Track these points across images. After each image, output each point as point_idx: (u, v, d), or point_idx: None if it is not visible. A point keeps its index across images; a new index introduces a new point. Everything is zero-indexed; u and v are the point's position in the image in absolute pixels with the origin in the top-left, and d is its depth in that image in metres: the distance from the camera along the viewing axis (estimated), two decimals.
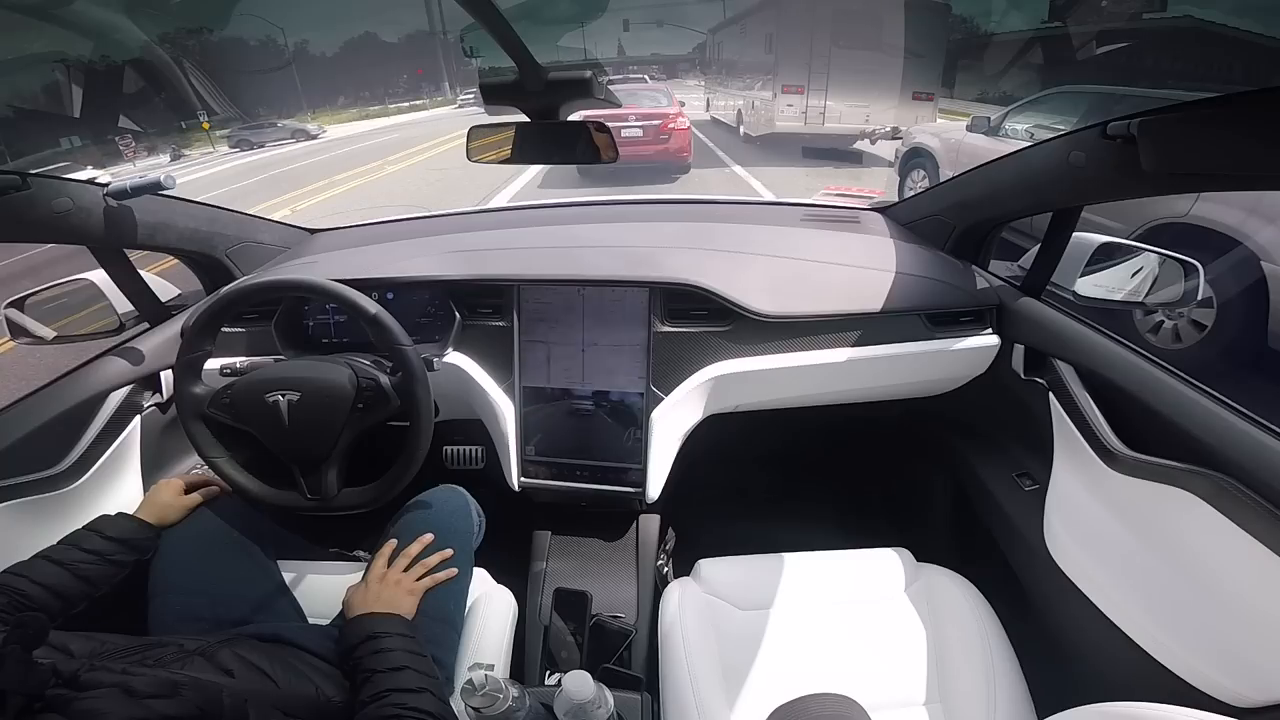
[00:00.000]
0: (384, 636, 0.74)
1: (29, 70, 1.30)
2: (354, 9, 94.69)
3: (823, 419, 1.29)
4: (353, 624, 0.77)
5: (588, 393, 1.12)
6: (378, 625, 0.76)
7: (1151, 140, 0.68)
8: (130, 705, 0.49)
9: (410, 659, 0.71)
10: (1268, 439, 0.67)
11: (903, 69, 7.18)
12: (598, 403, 1.12)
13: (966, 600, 0.92)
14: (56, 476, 0.94)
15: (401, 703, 0.65)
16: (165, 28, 1.45)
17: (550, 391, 1.14)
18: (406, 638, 0.75)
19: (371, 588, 0.82)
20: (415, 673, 0.70)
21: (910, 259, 1.15)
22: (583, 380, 1.12)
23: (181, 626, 0.82)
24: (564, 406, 1.13)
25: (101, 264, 1.10)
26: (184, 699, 0.54)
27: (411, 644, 0.75)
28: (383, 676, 0.68)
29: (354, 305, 0.89)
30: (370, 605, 0.79)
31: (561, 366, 1.13)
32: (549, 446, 1.14)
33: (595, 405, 1.13)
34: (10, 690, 0.42)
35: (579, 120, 0.79)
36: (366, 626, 0.76)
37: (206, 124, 17.07)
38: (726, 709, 0.83)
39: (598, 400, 1.12)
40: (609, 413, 1.12)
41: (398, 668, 0.70)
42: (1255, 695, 0.63)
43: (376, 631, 0.74)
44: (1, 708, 0.41)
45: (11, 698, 0.42)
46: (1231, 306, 2.38)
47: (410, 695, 0.66)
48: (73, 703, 0.46)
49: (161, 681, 0.54)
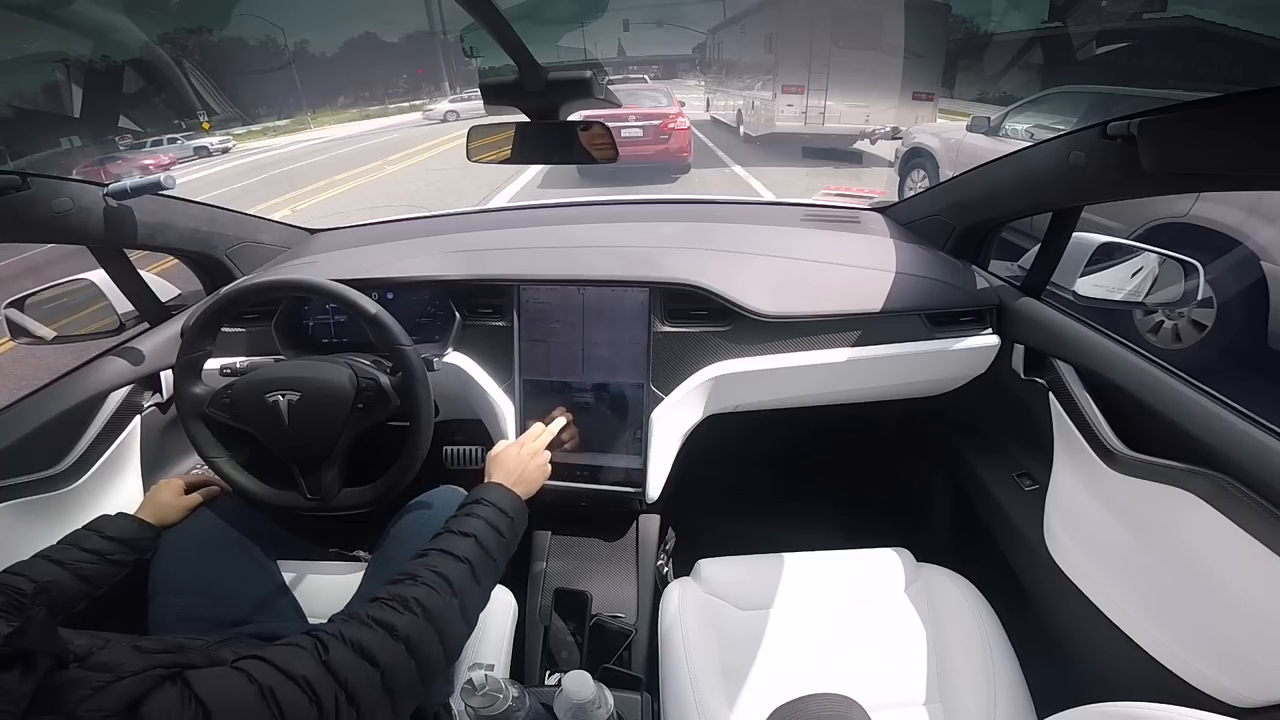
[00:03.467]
0: (486, 505, 0.76)
1: (29, 70, 1.29)
2: (354, 9, 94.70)
3: (823, 419, 1.29)
4: (480, 486, 0.82)
5: (588, 385, 1.12)
6: (490, 492, 0.79)
7: (1151, 140, 0.68)
8: (143, 657, 0.50)
9: (485, 531, 0.73)
10: (1268, 439, 0.67)
11: (903, 69, 7.18)
12: (598, 395, 1.12)
13: (966, 600, 0.92)
14: (56, 476, 0.94)
15: (433, 565, 0.66)
16: (165, 28, 1.45)
17: (550, 384, 1.13)
18: (504, 515, 0.77)
19: (523, 456, 0.89)
20: (476, 544, 0.71)
21: (910, 259, 1.15)
22: (583, 374, 1.12)
23: (181, 626, 0.82)
24: (564, 400, 1.13)
25: (101, 264, 1.10)
26: (188, 655, 0.55)
27: (503, 521, 0.76)
28: (445, 537, 0.71)
29: (354, 305, 0.89)
30: (509, 476, 0.85)
31: (561, 366, 1.13)
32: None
33: (595, 398, 1.12)
34: (39, 650, 0.42)
35: (579, 120, 0.79)
36: (484, 491, 0.80)
37: (206, 124, 17.03)
38: (726, 709, 0.83)
39: (598, 394, 1.12)
40: (609, 405, 1.12)
41: (466, 533, 0.71)
42: (1255, 695, 0.63)
43: (485, 498, 0.78)
44: (30, 668, 0.41)
45: (40, 659, 0.42)
46: (1231, 306, 2.38)
47: (449, 561, 0.67)
48: (89, 659, 0.47)
49: (167, 642, 0.56)
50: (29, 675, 0.41)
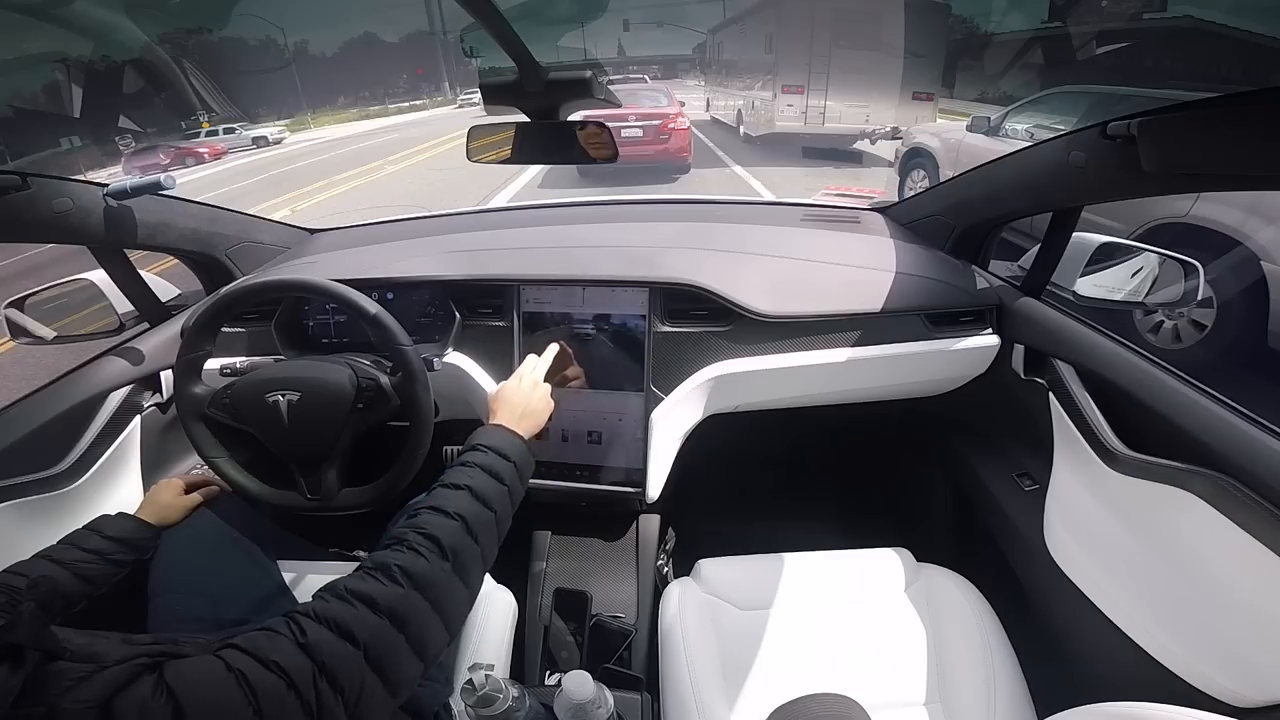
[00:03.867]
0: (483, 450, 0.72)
1: (29, 70, 1.29)
2: (354, 9, 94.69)
3: (823, 419, 1.29)
4: (480, 430, 0.77)
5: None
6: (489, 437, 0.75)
7: (1151, 140, 0.68)
8: (129, 648, 0.50)
9: (482, 479, 0.69)
10: (1268, 439, 0.67)
11: (903, 69, 7.17)
12: (598, 395, 1.12)
13: (966, 600, 0.92)
14: (56, 476, 0.94)
15: (422, 526, 0.62)
16: (165, 28, 1.45)
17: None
18: (503, 460, 0.73)
19: (524, 389, 0.85)
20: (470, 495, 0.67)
21: (910, 259, 1.15)
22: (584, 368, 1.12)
23: (181, 626, 0.82)
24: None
25: (101, 264, 1.10)
26: (178, 646, 0.54)
27: (502, 466, 0.72)
28: (440, 491, 0.67)
29: (354, 305, 0.89)
30: (511, 415, 0.81)
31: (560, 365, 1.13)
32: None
33: (595, 398, 1.12)
34: (27, 645, 0.42)
35: (579, 120, 0.79)
36: (482, 436, 0.75)
37: (206, 124, 17.08)
38: (726, 709, 0.83)
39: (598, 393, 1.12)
40: (609, 404, 1.12)
41: (458, 485, 0.67)
42: (1255, 695, 0.63)
43: (483, 444, 0.73)
44: (18, 663, 0.41)
45: (29, 653, 0.42)
46: (1231, 306, 2.38)
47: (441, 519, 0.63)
48: (77, 652, 0.46)
49: (161, 638, 0.55)
50: (17, 669, 0.41)
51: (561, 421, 1.13)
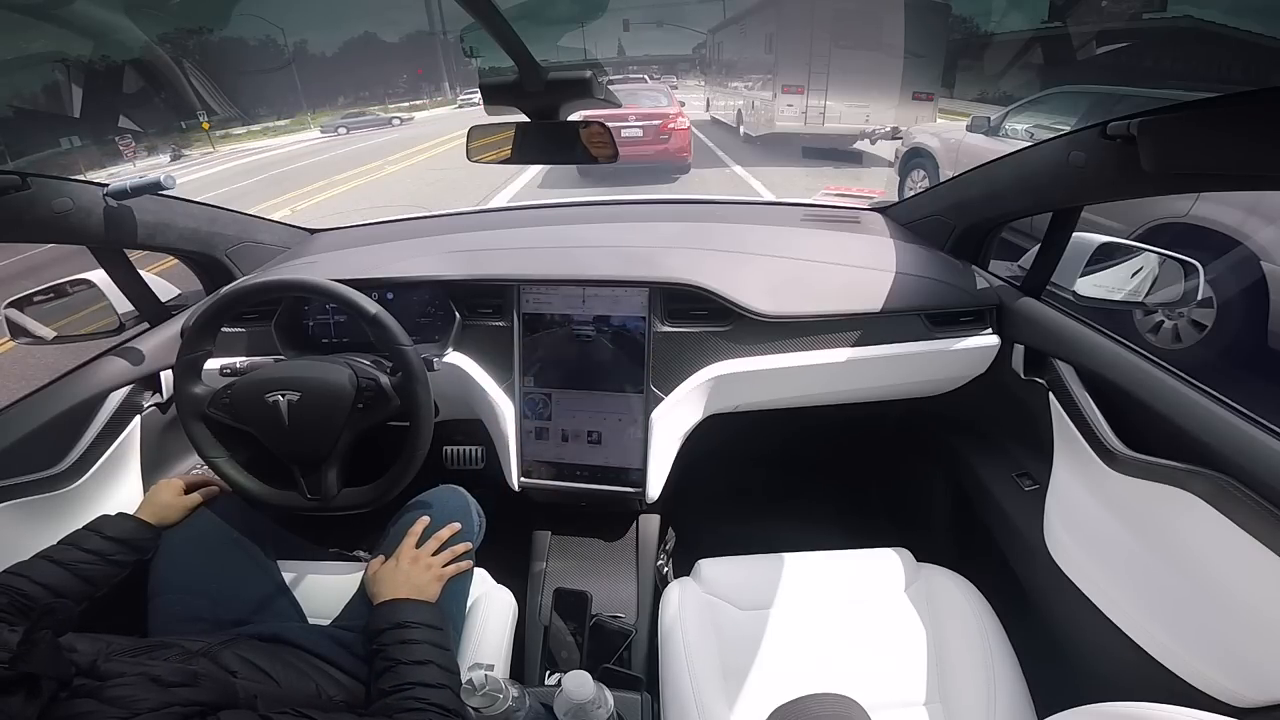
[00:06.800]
0: (413, 627, 0.74)
1: (29, 70, 1.29)
2: (354, 9, 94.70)
3: (823, 419, 1.29)
4: (384, 608, 0.78)
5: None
6: (408, 613, 0.76)
7: (1151, 140, 0.68)
8: (160, 692, 0.50)
9: (436, 653, 0.72)
10: (1268, 439, 0.67)
11: (903, 69, 7.17)
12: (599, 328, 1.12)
13: (966, 600, 0.92)
14: (56, 476, 0.94)
15: (424, 698, 0.65)
16: (165, 28, 1.45)
17: (550, 382, 1.13)
18: (434, 629, 0.75)
19: (402, 567, 0.83)
20: (439, 668, 0.70)
21: (910, 259, 1.15)
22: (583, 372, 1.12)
23: (181, 627, 0.82)
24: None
25: (101, 264, 1.10)
26: (204, 688, 0.55)
27: (439, 637, 0.75)
28: (407, 669, 0.69)
29: (354, 305, 0.89)
30: (400, 589, 0.80)
31: (561, 365, 1.13)
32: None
33: (595, 397, 1.12)
34: (43, 675, 0.42)
35: (579, 120, 0.79)
36: (398, 613, 0.76)
37: (206, 124, 17.11)
38: (726, 709, 0.83)
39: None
40: (609, 404, 1.12)
41: (422, 661, 0.70)
42: (1255, 695, 0.63)
43: (407, 620, 0.75)
44: (34, 693, 0.41)
45: (45, 683, 0.42)
46: (1231, 306, 2.38)
47: (432, 691, 0.67)
48: (104, 690, 0.46)
49: (184, 671, 0.56)
50: (33, 699, 0.41)
51: (561, 421, 1.13)
